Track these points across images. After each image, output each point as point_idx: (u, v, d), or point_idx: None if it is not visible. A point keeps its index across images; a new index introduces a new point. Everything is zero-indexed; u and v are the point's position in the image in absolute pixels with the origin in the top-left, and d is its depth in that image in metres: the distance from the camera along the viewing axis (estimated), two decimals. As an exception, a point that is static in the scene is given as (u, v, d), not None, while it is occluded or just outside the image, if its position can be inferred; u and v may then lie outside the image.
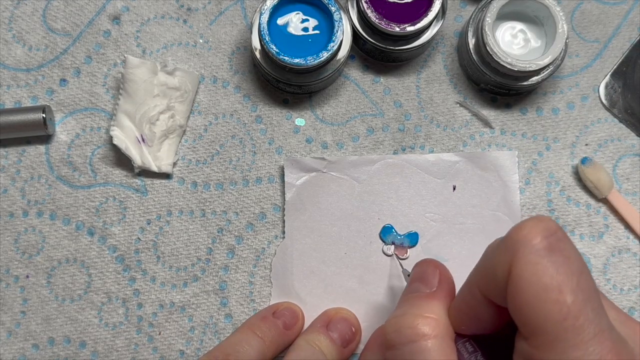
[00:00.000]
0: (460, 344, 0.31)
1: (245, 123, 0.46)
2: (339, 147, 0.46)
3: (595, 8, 0.47)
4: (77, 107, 0.46)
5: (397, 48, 0.44)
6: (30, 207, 0.45)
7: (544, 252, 0.26)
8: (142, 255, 0.45)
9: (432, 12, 0.42)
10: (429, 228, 0.45)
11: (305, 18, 0.43)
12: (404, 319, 0.31)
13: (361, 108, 0.46)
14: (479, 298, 0.29)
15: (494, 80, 0.44)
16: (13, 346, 0.44)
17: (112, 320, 0.45)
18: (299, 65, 0.41)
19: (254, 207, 0.45)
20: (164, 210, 0.45)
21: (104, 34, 0.47)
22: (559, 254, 0.26)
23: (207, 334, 0.45)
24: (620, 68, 0.46)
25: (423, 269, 0.35)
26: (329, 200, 0.45)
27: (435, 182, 0.45)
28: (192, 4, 0.47)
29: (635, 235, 0.45)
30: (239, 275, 0.45)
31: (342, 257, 0.45)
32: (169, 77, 0.44)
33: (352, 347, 0.43)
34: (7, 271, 0.45)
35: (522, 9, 0.44)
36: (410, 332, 0.30)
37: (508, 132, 0.46)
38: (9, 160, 0.46)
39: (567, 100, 0.47)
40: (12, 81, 0.46)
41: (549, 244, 0.26)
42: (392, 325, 0.31)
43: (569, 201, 0.46)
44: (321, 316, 0.43)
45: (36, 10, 0.47)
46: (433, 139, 0.46)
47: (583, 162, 0.45)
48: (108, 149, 0.46)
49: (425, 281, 0.34)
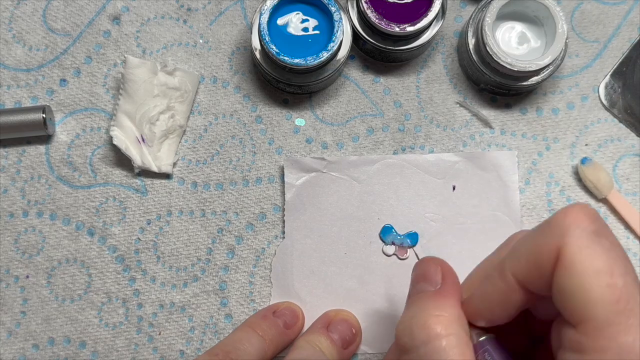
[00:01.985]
0: (479, 354, 0.30)
1: (245, 123, 0.46)
2: (339, 147, 0.46)
3: (595, 8, 0.47)
4: (77, 107, 0.46)
5: (397, 48, 0.44)
6: (30, 207, 0.45)
7: (593, 237, 0.26)
8: (142, 256, 0.45)
9: (432, 12, 0.42)
10: (429, 228, 0.45)
11: (305, 18, 0.43)
12: (415, 321, 0.30)
13: (361, 108, 0.46)
14: (510, 284, 0.29)
15: (494, 80, 0.44)
16: (13, 346, 0.44)
17: (112, 320, 0.45)
18: (299, 65, 0.41)
19: (254, 207, 0.45)
20: (164, 210, 0.45)
21: (104, 34, 0.47)
22: (606, 239, 0.26)
23: (207, 334, 0.45)
24: (620, 68, 0.46)
25: (424, 268, 0.34)
26: (329, 201, 0.45)
27: (435, 182, 0.45)
28: (192, 4, 0.47)
29: (635, 235, 0.45)
30: (239, 275, 0.45)
31: (342, 257, 0.45)
32: (169, 77, 0.44)
33: (353, 348, 0.43)
34: (7, 271, 0.45)
35: (522, 9, 0.44)
36: (424, 333, 0.29)
37: (508, 132, 0.46)
38: (9, 160, 0.46)
39: (567, 100, 0.47)
40: (12, 81, 0.46)
41: (596, 228, 0.26)
42: (403, 329, 0.31)
43: (569, 201, 0.46)
44: (322, 317, 0.43)
45: (36, 10, 0.47)
46: (433, 139, 0.46)
47: (583, 162, 0.45)
48: (108, 149, 0.46)
49: (428, 279, 0.33)
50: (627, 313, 0.25)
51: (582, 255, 0.26)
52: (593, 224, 0.26)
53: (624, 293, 0.25)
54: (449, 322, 0.30)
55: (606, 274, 0.25)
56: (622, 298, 0.25)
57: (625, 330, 0.25)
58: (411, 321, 0.30)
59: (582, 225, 0.26)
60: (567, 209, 0.27)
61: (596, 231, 0.26)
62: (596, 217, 0.27)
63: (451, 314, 0.30)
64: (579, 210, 0.27)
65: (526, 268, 0.28)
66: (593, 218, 0.27)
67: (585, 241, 0.26)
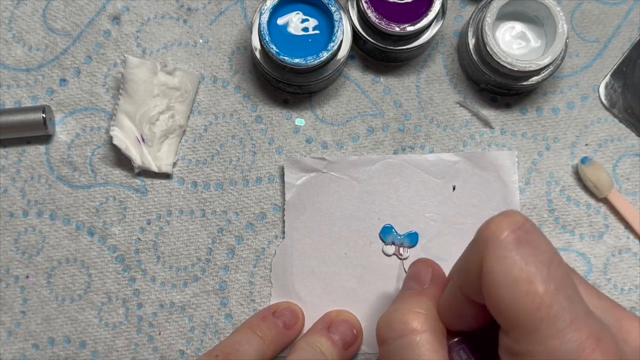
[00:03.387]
0: (455, 352, 0.31)
1: (245, 123, 0.46)
2: (339, 147, 0.46)
3: (595, 8, 0.47)
4: (77, 107, 0.46)
5: (397, 48, 0.44)
6: (30, 207, 0.45)
7: (511, 246, 0.26)
8: (142, 255, 0.45)
9: (432, 12, 0.42)
10: (429, 228, 0.45)
11: (305, 18, 0.43)
12: (395, 315, 0.31)
13: (361, 108, 0.46)
14: (460, 297, 0.30)
15: (494, 80, 0.44)
16: (13, 346, 0.44)
17: (112, 320, 0.45)
18: (299, 65, 0.41)
19: (254, 207, 0.45)
20: (164, 210, 0.45)
21: (104, 34, 0.47)
22: (527, 246, 0.26)
23: (207, 334, 0.45)
24: (620, 68, 0.46)
25: (417, 268, 0.35)
26: (329, 200, 0.45)
27: (435, 182, 0.45)
28: (192, 4, 0.47)
29: (635, 235, 0.45)
30: (239, 275, 0.45)
31: (342, 257, 0.45)
32: (169, 77, 0.44)
33: (354, 349, 0.43)
34: (7, 271, 0.45)
35: (522, 9, 0.44)
36: (401, 327, 0.31)
37: (508, 132, 0.46)
38: (9, 160, 0.46)
39: (567, 100, 0.47)
40: (12, 81, 0.46)
41: (516, 237, 0.26)
42: (383, 322, 0.32)
43: (569, 201, 0.46)
44: (323, 318, 0.43)
45: (36, 10, 0.47)
46: (433, 139, 0.46)
47: (583, 162, 0.45)
48: (108, 149, 0.46)
49: (418, 279, 0.34)
50: (551, 318, 0.25)
51: (498, 266, 0.26)
52: (513, 232, 0.26)
53: (545, 299, 0.25)
54: (426, 319, 0.31)
55: (524, 282, 0.26)
56: (543, 304, 0.25)
57: (551, 336, 0.25)
58: (392, 315, 0.32)
59: (501, 236, 0.26)
60: (489, 221, 0.27)
61: (516, 239, 0.26)
62: (518, 225, 0.27)
63: (430, 313, 0.31)
64: (500, 220, 0.27)
65: (463, 282, 0.29)
66: (514, 227, 0.27)
67: (503, 251, 0.26)
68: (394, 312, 0.32)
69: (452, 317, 0.31)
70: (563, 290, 0.26)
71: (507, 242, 0.26)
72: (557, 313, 0.25)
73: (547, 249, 0.27)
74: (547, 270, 0.26)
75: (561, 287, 0.26)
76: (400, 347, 0.30)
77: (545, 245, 0.27)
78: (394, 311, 0.32)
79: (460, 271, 0.30)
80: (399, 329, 0.31)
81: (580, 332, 0.25)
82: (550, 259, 0.26)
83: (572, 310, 0.26)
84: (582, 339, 0.25)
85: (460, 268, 0.29)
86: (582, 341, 0.25)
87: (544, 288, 0.25)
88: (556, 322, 0.25)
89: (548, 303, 0.25)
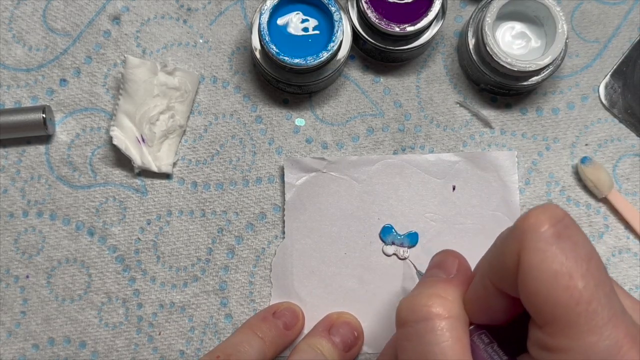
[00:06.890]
0: (476, 335, 0.30)
1: (245, 123, 0.46)
2: (339, 147, 0.46)
3: (595, 8, 0.47)
4: (77, 107, 0.46)
5: (397, 48, 0.44)
6: (30, 207, 0.45)
7: (552, 240, 0.26)
8: (142, 256, 0.45)
9: (432, 12, 0.42)
10: (429, 228, 0.45)
11: (305, 18, 0.43)
12: (419, 298, 0.30)
13: (361, 108, 0.46)
14: (491, 289, 0.29)
15: (494, 80, 0.44)
16: (13, 346, 0.44)
17: (112, 320, 0.45)
18: (299, 65, 0.41)
19: (254, 207, 0.45)
20: (164, 210, 0.45)
21: (104, 34, 0.47)
22: (567, 241, 0.26)
23: (207, 334, 0.45)
24: (620, 68, 0.46)
25: (443, 257, 0.34)
26: (329, 200, 0.45)
27: (435, 182, 0.45)
28: (192, 4, 0.47)
29: (635, 235, 0.45)
30: (239, 275, 0.45)
31: (342, 257, 0.45)
32: (169, 77, 0.44)
33: (354, 351, 0.43)
34: (7, 271, 0.45)
35: (522, 9, 0.44)
36: (425, 310, 0.30)
37: (508, 132, 0.46)
38: (9, 160, 0.46)
39: (567, 100, 0.47)
40: (12, 81, 0.46)
41: (556, 231, 0.26)
42: (405, 304, 0.31)
43: (569, 201, 0.46)
44: (323, 320, 0.43)
45: (36, 10, 0.47)
46: (433, 139, 0.46)
47: (583, 162, 0.45)
48: (108, 149, 0.46)
49: (444, 268, 0.33)
50: (590, 314, 0.25)
51: (538, 259, 0.26)
52: (553, 226, 0.26)
53: (584, 295, 0.25)
54: (452, 306, 0.30)
55: (564, 276, 0.25)
56: (582, 300, 0.25)
57: (589, 332, 0.25)
58: (414, 298, 0.30)
59: (541, 229, 0.26)
60: (528, 213, 0.27)
61: (556, 233, 0.26)
62: (558, 219, 0.26)
63: (456, 300, 0.30)
64: (540, 213, 0.27)
65: (496, 274, 0.29)
66: (554, 220, 0.26)
67: (543, 245, 0.26)
68: (418, 295, 0.30)
69: (479, 310, 0.30)
70: (602, 287, 0.26)
71: (547, 235, 0.26)
72: (595, 309, 0.25)
73: (586, 244, 0.27)
74: (587, 266, 0.26)
75: (600, 284, 0.26)
76: (421, 331, 0.29)
77: (584, 241, 0.27)
78: (417, 295, 0.31)
79: (493, 262, 0.29)
80: (423, 311, 0.30)
81: (618, 330, 0.25)
82: (590, 255, 0.26)
83: (610, 308, 0.25)
84: (620, 336, 0.25)
85: (493, 259, 0.29)
86: (619, 339, 0.25)
87: (584, 283, 0.25)
88: (595, 318, 0.25)
89: (587, 299, 0.25)
